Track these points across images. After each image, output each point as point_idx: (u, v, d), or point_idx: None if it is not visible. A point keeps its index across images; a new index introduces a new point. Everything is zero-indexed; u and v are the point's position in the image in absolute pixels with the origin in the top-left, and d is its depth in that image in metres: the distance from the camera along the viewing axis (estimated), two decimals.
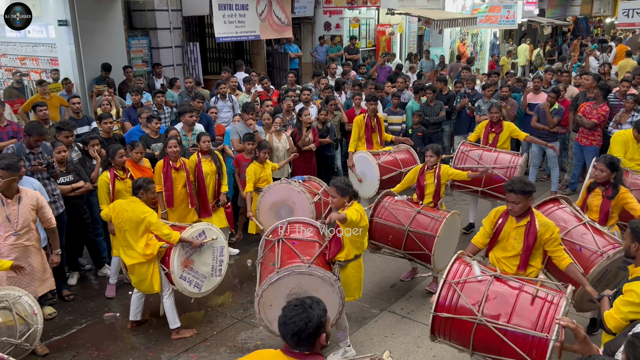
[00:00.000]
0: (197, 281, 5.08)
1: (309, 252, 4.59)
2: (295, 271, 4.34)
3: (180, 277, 4.93)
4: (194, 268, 5.04)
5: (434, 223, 5.57)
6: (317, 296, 4.29)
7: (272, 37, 13.23)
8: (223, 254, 5.31)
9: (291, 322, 2.45)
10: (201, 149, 6.45)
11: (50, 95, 8.84)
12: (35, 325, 4.34)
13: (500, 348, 3.67)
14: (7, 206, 4.56)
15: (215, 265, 5.25)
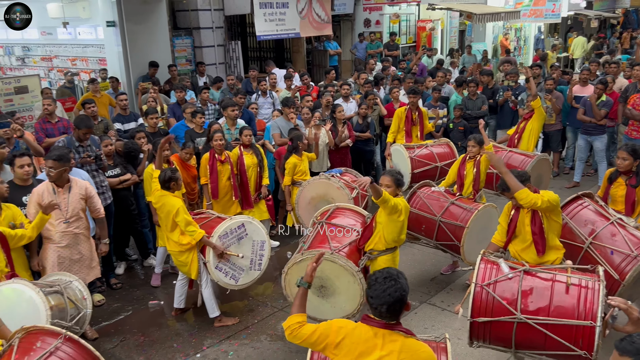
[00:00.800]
0: (233, 273, 5.13)
1: (342, 239, 4.63)
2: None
3: (215, 267, 5.02)
4: (230, 259, 5.09)
5: (466, 214, 5.54)
6: (339, 284, 4.39)
7: (311, 34, 13.31)
8: (264, 249, 5.34)
9: (386, 294, 2.61)
10: (243, 142, 6.58)
11: (101, 94, 9.19)
12: (84, 310, 4.52)
13: (544, 343, 3.61)
14: (58, 195, 4.77)
15: (254, 258, 5.30)
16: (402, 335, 2.68)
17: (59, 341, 3.23)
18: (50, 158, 4.70)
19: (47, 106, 7.02)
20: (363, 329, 2.71)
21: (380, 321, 2.68)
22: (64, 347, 3.23)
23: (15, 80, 9.27)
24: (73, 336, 3.31)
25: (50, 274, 4.65)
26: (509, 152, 7.06)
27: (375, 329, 2.68)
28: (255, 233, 5.27)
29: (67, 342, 3.26)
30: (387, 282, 2.64)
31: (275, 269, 6.60)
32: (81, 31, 11.95)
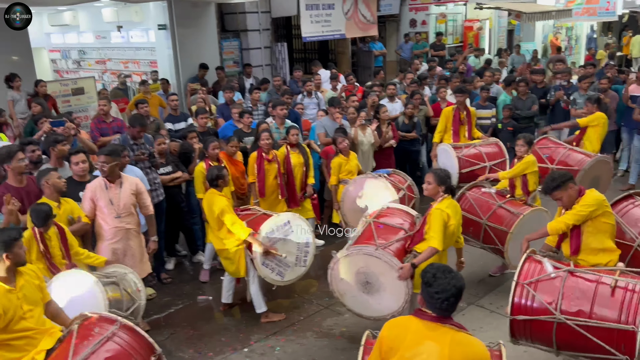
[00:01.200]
0: (279, 269, 5.20)
1: (389, 237, 4.61)
2: (363, 251, 4.46)
3: (262, 264, 5.09)
4: (276, 256, 5.15)
5: (511, 218, 5.43)
6: (384, 280, 4.38)
7: (357, 35, 13.32)
8: (309, 246, 5.40)
9: (451, 285, 2.66)
10: (290, 141, 6.65)
11: (152, 95, 9.48)
12: (139, 301, 4.68)
13: (585, 345, 3.54)
14: (110, 190, 4.93)
15: (300, 255, 5.36)
16: (454, 329, 2.70)
17: (115, 327, 3.36)
18: (102, 153, 4.89)
19: (102, 106, 7.30)
20: (414, 322, 2.74)
21: (432, 314, 2.71)
22: (120, 333, 3.36)
23: (72, 82, 9.69)
24: (128, 323, 3.43)
25: (107, 266, 4.83)
26: (568, 149, 6.83)
27: (427, 322, 2.70)
28: (301, 230, 5.33)
29: (123, 329, 3.39)
30: (447, 274, 2.69)
31: (320, 267, 6.61)
32: (133, 34, 12.36)
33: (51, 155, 5.41)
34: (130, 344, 3.35)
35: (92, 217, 4.93)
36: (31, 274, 3.47)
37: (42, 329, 3.42)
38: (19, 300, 3.29)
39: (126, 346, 3.33)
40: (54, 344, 3.36)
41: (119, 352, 3.29)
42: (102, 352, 3.25)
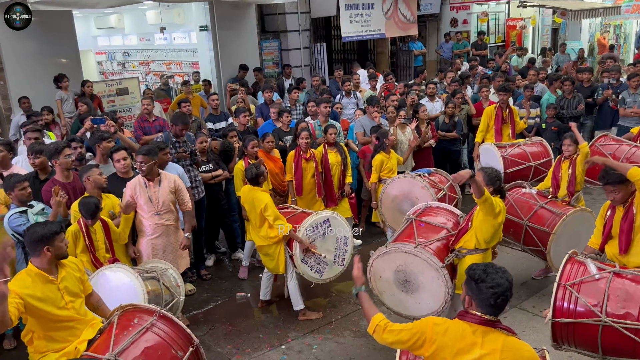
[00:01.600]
0: (318, 267, 5.20)
1: (429, 235, 4.54)
2: (402, 249, 4.39)
3: (302, 260, 5.10)
4: (315, 254, 5.16)
5: (554, 219, 5.25)
6: (423, 279, 4.29)
7: (397, 34, 13.23)
8: (347, 244, 5.38)
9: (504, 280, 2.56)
10: (327, 140, 6.65)
11: (193, 95, 9.64)
12: (178, 296, 4.75)
13: (633, 350, 3.39)
14: (149, 188, 5.02)
15: (338, 254, 5.34)
16: (504, 333, 2.58)
17: (154, 318, 3.41)
18: (140, 153, 4.98)
19: (146, 105, 7.47)
20: (460, 325, 2.61)
21: (481, 317, 2.58)
22: (159, 324, 3.41)
23: (117, 82, 9.95)
24: (167, 314, 3.48)
25: (148, 261, 4.93)
26: (633, 147, 6.56)
27: (475, 325, 2.58)
28: (339, 229, 5.31)
29: (162, 320, 3.44)
30: (496, 269, 2.60)
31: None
32: (176, 36, 12.62)
33: (97, 152, 5.56)
34: (169, 334, 3.40)
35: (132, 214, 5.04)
36: (72, 267, 3.56)
37: (84, 319, 3.51)
38: (60, 291, 3.38)
39: (165, 336, 3.38)
40: (95, 334, 3.44)
41: (158, 343, 3.34)
42: (141, 342, 3.30)
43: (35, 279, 3.31)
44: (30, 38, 8.94)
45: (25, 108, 8.10)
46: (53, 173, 5.21)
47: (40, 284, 3.31)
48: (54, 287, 3.36)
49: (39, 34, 9.01)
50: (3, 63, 8.72)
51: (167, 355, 3.33)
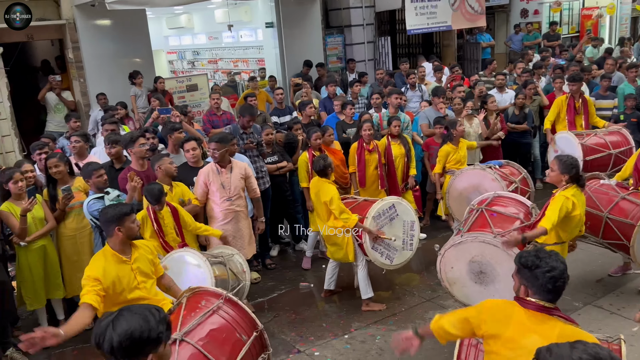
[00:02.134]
0: (388, 253, 5.20)
1: (505, 226, 4.38)
2: (480, 238, 4.23)
3: (372, 248, 5.10)
4: (385, 240, 5.15)
5: (638, 211, 4.92)
6: (500, 270, 4.15)
7: (464, 26, 12.88)
8: (414, 229, 5.37)
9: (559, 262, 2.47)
10: (391, 132, 6.60)
11: (259, 90, 9.82)
12: (243, 282, 4.85)
13: None
14: (221, 174, 5.19)
15: (406, 239, 5.35)
16: (562, 321, 2.46)
17: (220, 301, 3.49)
18: (213, 140, 5.19)
19: (216, 100, 7.70)
20: (517, 309, 2.53)
21: (537, 304, 2.48)
22: (225, 307, 3.48)
23: (187, 79, 10.30)
24: (233, 298, 3.55)
25: (215, 247, 5.07)
26: None
27: (531, 312, 2.49)
28: (405, 213, 5.31)
29: (228, 303, 3.50)
30: (548, 253, 2.50)
31: (421, 262, 6.49)
32: (243, 34, 12.90)
33: (168, 143, 5.79)
34: (234, 318, 3.46)
35: (203, 200, 5.21)
36: (145, 249, 3.72)
37: (154, 299, 3.65)
38: (133, 271, 3.54)
39: (230, 320, 3.43)
40: None
41: (223, 325, 3.40)
42: (207, 324, 3.37)
43: (109, 259, 3.48)
44: (107, 39, 9.43)
45: (102, 104, 8.54)
46: (127, 163, 5.48)
47: (114, 264, 3.47)
48: (127, 267, 3.52)
49: (116, 35, 9.48)
50: (83, 62, 9.22)
51: (232, 338, 3.39)
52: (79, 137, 5.77)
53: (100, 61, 9.36)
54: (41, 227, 4.91)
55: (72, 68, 9.32)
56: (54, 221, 4.99)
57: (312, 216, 6.21)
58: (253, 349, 3.43)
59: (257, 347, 3.49)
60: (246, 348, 3.36)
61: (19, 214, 4.70)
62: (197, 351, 3.18)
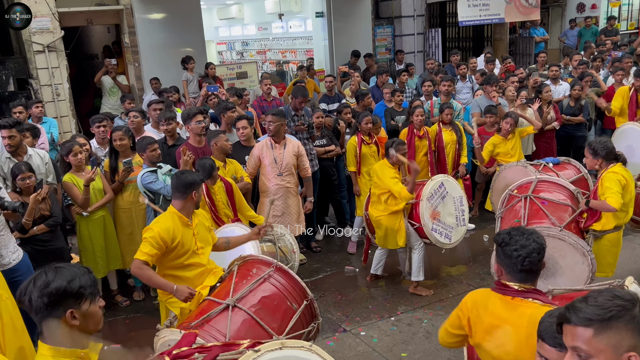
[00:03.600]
0: (446, 232, 5.22)
1: (560, 215, 4.25)
2: (545, 232, 4.02)
3: (431, 229, 5.11)
4: (441, 220, 5.19)
5: None
6: (563, 263, 4.03)
7: (517, 19, 12.58)
8: (463, 204, 5.39)
9: (531, 241, 2.41)
10: (442, 119, 6.52)
11: (307, 80, 9.87)
12: (292, 262, 4.89)
13: None
14: (275, 149, 5.26)
15: (458, 215, 5.36)
16: (537, 303, 2.37)
17: (271, 269, 3.52)
18: (270, 113, 5.31)
19: (267, 85, 7.80)
20: (492, 298, 2.47)
21: (511, 288, 2.42)
22: (276, 276, 3.51)
23: (237, 66, 10.46)
24: (283, 266, 3.57)
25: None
26: None
27: (506, 299, 2.42)
28: (454, 189, 5.33)
29: (278, 272, 3.53)
30: (522, 231, 2.45)
31: (469, 252, 6.39)
32: (292, 24, 12.99)
33: (222, 122, 5.89)
34: (285, 286, 3.49)
35: (254, 173, 5.29)
36: (203, 217, 3.83)
37: (208, 267, 3.74)
38: (194, 236, 3.63)
39: (281, 288, 3.47)
40: (217, 281, 3.64)
41: (274, 293, 3.43)
42: (259, 291, 3.42)
43: (175, 220, 3.58)
44: (162, 26, 9.68)
45: (155, 88, 8.76)
46: (180, 140, 5.61)
47: (180, 225, 3.58)
48: (189, 231, 3.61)
49: (170, 23, 9.73)
50: (139, 47, 9.49)
51: (283, 305, 3.42)
52: (138, 113, 5.94)
53: (155, 47, 9.61)
54: (100, 198, 5.08)
55: (127, 52, 9.61)
56: (112, 192, 5.15)
57: (359, 201, 6.20)
58: (303, 318, 3.46)
59: (307, 316, 3.52)
60: (297, 316, 3.39)
61: (81, 185, 4.88)
62: (250, 317, 3.22)
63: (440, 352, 4.38)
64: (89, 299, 1.95)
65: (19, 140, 4.93)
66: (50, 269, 1.93)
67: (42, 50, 8.59)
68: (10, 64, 8.63)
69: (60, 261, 4.80)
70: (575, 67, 8.76)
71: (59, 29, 8.70)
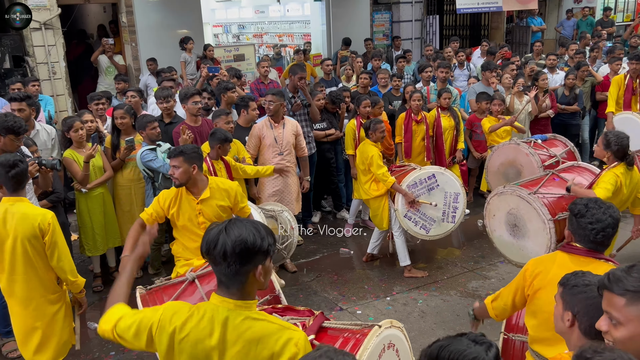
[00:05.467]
0: (423, 223, 5.19)
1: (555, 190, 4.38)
2: (517, 192, 4.34)
3: (404, 216, 5.13)
4: (420, 209, 5.16)
5: None
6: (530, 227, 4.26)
7: (515, 8, 12.61)
8: (458, 201, 5.30)
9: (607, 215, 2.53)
10: (441, 105, 6.57)
11: (305, 64, 9.86)
12: (291, 238, 4.97)
13: None
14: (275, 129, 5.32)
15: (447, 210, 5.28)
16: (609, 264, 2.51)
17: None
18: (269, 93, 5.37)
19: (265, 67, 7.80)
20: (560, 255, 2.61)
21: (583, 249, 2.56)
22: None
23: (235, 49, 10.42)
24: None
25: (266, 203, 5.18)
26: None
27: (576, 256, 2.57)
28: (448, 184, 5.27)
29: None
30: (601, 205, 2.55)
31: (463, 236, 6.48)
32: (290, 8, 12.92)
33: (221, 101, 5.91)
34: None
35: (255, 153, 5.34)
36: (221, 194, 3.84)
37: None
38: (197, 212, 3.71)
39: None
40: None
41: None
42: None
43: (180, 192, 3.70)
44: (160, 8, 9.61)
45: (151, 69, 8.72)
46: (176, 118, 5.64)
47: (182, 197, 3.70)
48: (191, 205, 3.69)
49: (169, 5, 9.65)
50: (136, 27, 9.43)
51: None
52: (135, 92, 5.94)
53: (152, 27, 9.55)
54: (100, 176, 5.10)
55: (124, 32, 9.54)
56: (111, 170, 5.17)
57: (355, 184, 6.27)
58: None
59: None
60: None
61: (81, 161, 4.90)
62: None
63: (435, 331, 4.49)
64: (271, 255, 1.95)
65: (28, 114, 4.94)
66: (242, 223, 1.91)
67: (39, 28, 8.51)
68: (7, 41, 8.54)
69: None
70: (571, 56, 8.83)
71: (55, 7, 8.61)
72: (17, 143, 4.04)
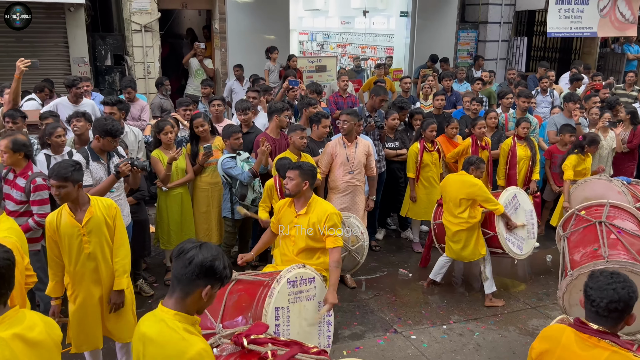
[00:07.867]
0: (518, 242, 5.38)
1: (637, 248, 4.14)
2: (629, 268, 3.85)
3: (506, 238, 5.23)
4: (513, 230, 5.33)
5: None
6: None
7: (611, 34, 12.09)
8: (533, 217, 5.62)
9: (610, 288, 2.35)
10: (518, 133, 6.46)
11: (385, 79, 9.95)
12: (362, 241, 5.10)
13: None
14: (348, 148, 5.46)
15: (529, 228, 5.54)
16: (615, 346, 2.32)
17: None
18: (344, 113, 5.53)
19: (345, 81, 7.97)
20: (567, 332, 2.47)
21: (590, 327, 2.39)
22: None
23: (317, 59, 10.68)
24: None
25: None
26: None
27: (581, 335, 2.41)
28: (525, 202, 5.57)
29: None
30: (614, 277, 2.37)
31: (530, 270, 6.34)
32: (375, 21, 13.05)
33: (302, 116, 6.13)
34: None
35: (326, 170, 5.50)
36: (317, 217, 4.12)
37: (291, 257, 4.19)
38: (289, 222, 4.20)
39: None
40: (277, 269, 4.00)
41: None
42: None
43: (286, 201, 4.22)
44: (251, 14, 10.05)
45: (237, 75, 9.14)
46: (253, 129, 5.91)
47: (286, 205, 4.22)
48: (290, 214, 4.21)
49: (259, 11, 10.08)
50: (227, 33, 9.91)
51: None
52: (220, 101, 6.29)
53: (242, 33, 10.01)
54: (182, 177, 5.45)
55: (216, 38, 10.06)
56: (192, 173, 5.51)
57: (414, 206, 6.32)
58: None
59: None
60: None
61: (166, 161, 5.27)
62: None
63: None
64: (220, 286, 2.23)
65: (118, 117, 5.39)
66: (214, 248, 2.21)
67: (139, 30, 9.16)
68: (110, 40, 9.28)
69: (143, 231, 5.30)
70: None
71: (156, 11, 9.24)
72: (114, 144, 4.44)
